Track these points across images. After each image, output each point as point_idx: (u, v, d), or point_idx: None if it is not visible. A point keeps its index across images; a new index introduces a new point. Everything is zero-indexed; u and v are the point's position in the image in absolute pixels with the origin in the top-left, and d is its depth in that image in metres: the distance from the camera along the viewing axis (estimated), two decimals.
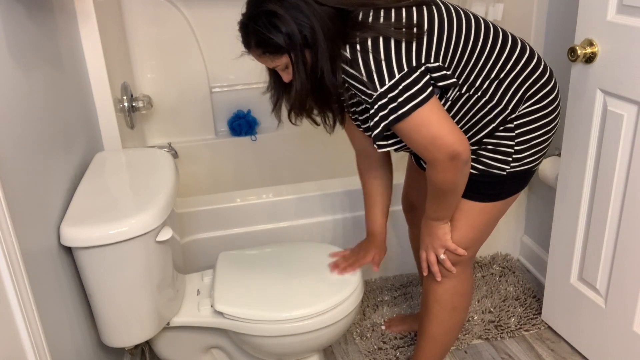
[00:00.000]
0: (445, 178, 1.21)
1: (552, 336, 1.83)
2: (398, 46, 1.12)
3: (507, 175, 1.30)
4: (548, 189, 2.00)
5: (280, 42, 1.12)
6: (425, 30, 1.16)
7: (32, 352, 0.89)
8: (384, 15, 1.15)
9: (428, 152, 1.17)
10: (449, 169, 1.18)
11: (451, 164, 1.17)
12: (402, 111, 1.13)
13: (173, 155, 2.00)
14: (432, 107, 1.14)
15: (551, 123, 1.31)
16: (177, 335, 1.48)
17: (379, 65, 1.12)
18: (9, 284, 0.84)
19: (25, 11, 1.14)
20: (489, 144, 1.30)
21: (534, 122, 1.28)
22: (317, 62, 1.14)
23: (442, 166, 1.18)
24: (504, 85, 1.24)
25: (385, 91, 1.13)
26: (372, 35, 1.13)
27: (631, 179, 1.43)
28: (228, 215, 1.88)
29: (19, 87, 1.06)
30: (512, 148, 1.28)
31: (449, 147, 1.15)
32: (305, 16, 1.11)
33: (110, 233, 1.14)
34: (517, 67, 1.25)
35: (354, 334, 1.86)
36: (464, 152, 1.16)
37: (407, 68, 1.12)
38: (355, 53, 1.13)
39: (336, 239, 1.99)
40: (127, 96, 1.84)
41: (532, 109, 1.28)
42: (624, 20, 1.37)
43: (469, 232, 1.37)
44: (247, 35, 1.16)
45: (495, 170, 1.30)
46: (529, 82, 1.26)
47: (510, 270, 2.14)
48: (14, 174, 0.97)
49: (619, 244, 1.50)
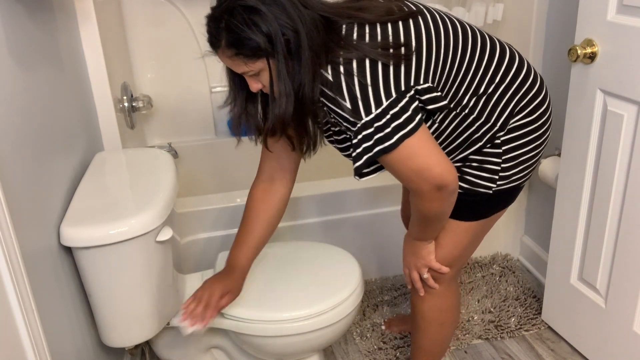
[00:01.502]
0: (431, 207, 1.14)
1: (552, 336, 1.83)
2: (385, 70, 1.02)
3: (494, 193, 1.22)
4: (548, 189, 2.00)
5: (259, 43, 0.97)
6: (413, 49, 1.06)
7: (32, 352, 0.89)
8: (370, 32, 1.05)
9: (413, 183, 1.09)
10: (435, 199, 1.11)
11: (437, 194, 1.10)
12: (389, 143, 1.03)
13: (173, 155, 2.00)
14: (421, 137, 1.05)
15: (541, 137, 1.24)
16: (177, 335, 1.48)
17: (364, 91, 1.01)
18: (9, 284, 0.84)
19: (25, 11, 1.14)
20: (474, 161, 1.21)
21: (523, 137, 1.21)
22: (297, 73, 1.01)
23: (428, 196, 1.10)
24: (492, 101, 1.17)
25: (371, 120, 1.02)
26: (358, 57, 1.01)
27: (631, 179, 1.43)
28: (228, 215, 1.88)
29: (19, 87, 1.05)
30: (498, 165, 1.20)
31: (436, 178, 1.07)
32: (290, 18, 0.98)
33: (110, 233, 1.14)
34: (506, 79, 1.18)
35: (354, 334, 1.86)
36: (452, 182, 1.09)
37: (395, 94, 1.02)
38: (338, 76, 1.01)
39: (336, 239, 1.99)
40: (127, 96, 1.84)
41: (521, 123, 1.20)
42: (624, 20, 1.37)
43: (454, 251, 1.31)
44: (218, 32, 0.99)
45: (480, 189, 1.22)
46: (518, 95, 1.19)
47: (510, 270, 2.14)
48: (14, 174, 0.97)
49: (619, 244, 1.50)
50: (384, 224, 2.02)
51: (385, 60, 1.02)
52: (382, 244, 2.05)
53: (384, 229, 2.03)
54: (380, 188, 1.96)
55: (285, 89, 1.01)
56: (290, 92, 1.02)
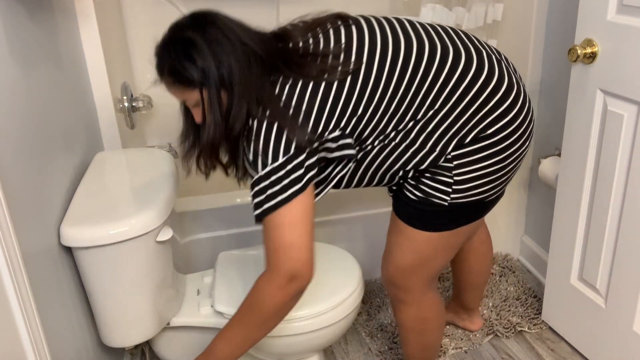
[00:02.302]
0: (269, 300, 1.08)
1: (552, 336, 1.83)
2: (279, 132, 1.03)
3: (450, 207, 1.18)
4: (548, 189, 2.00)
5: (193, 76, 1.03)
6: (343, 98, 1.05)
7: (32, 352, 0.89)
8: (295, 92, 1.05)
9: (276, 256, 1.06)
10: (281, 291, 1.06)
11: (286, 285, 1.06)
12: (276, 200, 1.05)
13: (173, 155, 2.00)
14: (304, 208, 1.05)
15: (503, 152, 1.17)
16: (177, 335, 1.48)
17: (265, 148, 1.04)
18: (9, 284, 0.84)
19: (25, 11, 1.14)
20: (427, 172, 1.18)
21: (477, 153, 1.15)
22: (231, 107, 1.05)
23: (278, 282, 1.06)
24: (431, 133, 1.12)
25: (266, 175, 1.05)
26: (268, 119, 1.04)
27: (631, 179, 1.43)
28: (228, 215, 1.88)
29: (19, 87, 1.06)
30: (451, 179, 1.16)
31: (297, 261, 1.04)
32: (226, 54, 1.02)
33: (111, 233, 1.14)
34: (458, 106, 1.11)
35: (363, 334, 1.86)
36: (307, 278, 1.06)
37: (284, 157, 1.04)
38: (251, 129, 1.06)
39: (336, 239, 1.99)
40: (127, 96, 1.84)
41: (474, 140, 1.14)
42: (624, 20, 1.37)
43: (415, 259, 1.29)
44: (161, 61, 1.07)
45: (435, 200, 1.18)
46: (472, 121, 1.13)
47: (511, 270, 2.14)
48: (14, 174, 0.97)
49: (619, 244, 1.50)
50: (384, 224, 2.02)
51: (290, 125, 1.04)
52: (382, 244, 2.05)
53: (384, 229, 2.03)
54: (381, 188, 1.96)
55: (214, 117, 1.05)
56: (218, 121, 1.05)
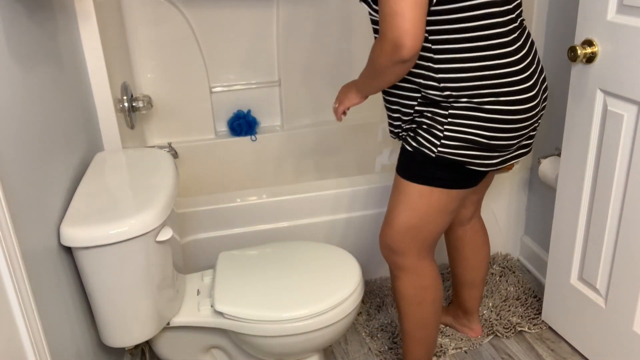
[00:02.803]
0: (378, 59, 1.22)
1: (552, 336, 1.83)
2: None
3: (436, 158, 1.31)
4: (548, 189, 2.00)
5: None
6: None
7: (32, 352, 0.89)
8: None
9: (384, 23, 1.16)
10: (386, 55, 1.18)
11: (390, 51, 1.17)
12: None
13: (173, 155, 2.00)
14: None
15: (497, 132, 1.29)
16: (177, 335, 1.48)
17: None
18: (9, 284, 0.84)
19: (25, 11, 1.14)
20: (424, 124, 1.32)
21: (469, 119, 1.28)
22: None
23: (384, 48, 1.18)
24: (454, 58, 1.24)
25: None
26: None
27: (631, 179, 1.43)
28: (228, 215, 1.88)
29: (19, 87, 1.06)
30: (441, 132, 1.29)
31: (400, 30, 1.13)
32: None
33: (111, 233, 1.14)
34: (479, 52, 1.24)
35: (363, 334, 1.86)
36: (410, 47, 1.14)
37: None
38: None
39: (336, 239, 1.99)
40: (127, 96, 1.84)
41: (471, 106, 1.27)
42: (624, 20, 1.37)
43: (410, 218, 1.40)
44: None
45: (425, 150, 1.32)
46: (480, 76, 1.25)
47: (511, 270, 2.14)
48: (14, 174, 0.97)
49: (619, 244, 1.50)
50: None
51: None
52: None
53: None
54: (381, 188, 1.96)
55: None
56: None
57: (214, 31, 2.28)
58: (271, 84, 2.43)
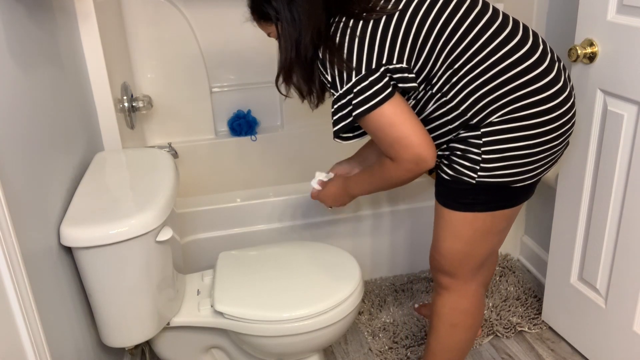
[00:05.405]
0: (401, 177, 1.22)
1: (552, 336, 1.83)
2: (361, 43, 1.14)
3: (477, 184, 1.23)
4: (548, 189, 2.00)
5: (267, 11, 1.20)
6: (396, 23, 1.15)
7: (32, 352, 0.89)
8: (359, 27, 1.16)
9: (393, 150, 1.18)
10: (409, 172, 1.20)
11: (414, 168, 1.18)
12: (363, 108, 1.15)
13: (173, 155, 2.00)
14: (396, 106, 1.15)
15: (538, 137, 1.19)
16: (177, 335, 1.48)
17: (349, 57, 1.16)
18: (9, 284, 0.84)
19: (25, 11, 1.14)
20: (457, 149, 1.24)
21: (508, 132, 1.18)
22: (297, 34, 1.19)
23: (403, 167, 1.19)
24: (466, 90, 1.18)
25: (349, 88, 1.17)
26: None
27: (631, 179, 1.43)
28: (228, 215, 1.88)
29: (19, 87, 1.06)
30: (479, 156, 1.21)
31: (415, 147, 1.15)
32: None
33: (111, 233, 1.14)
34: (494, 68, 1.16)
35: (365, 333, 1.86)
36: (430, 158, 1.16)
37: (364, 71, 1.15)
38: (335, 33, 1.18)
39: (336, 239, 1.99)
40: (127, 96, 1.84)
41: (506, 118, 1.18)
42: (624, 20, 1.37)
43: (455, 243, 1.32)
44: (252, 3, 1.25)
45: (464, 178, 1.23)
46: (504, 89, 1.16)
47: (511, 270, 2.14)
48: (14, 174, 0.97)
49: (619, 244, 1.50)
50: (384, 224, 2.02)
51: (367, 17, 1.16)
52: (382, 244, 2.05)
53: (384, 229, 2.03)
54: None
55: (285, 47, 1.22)
56: (290, 45, 1.21)
57: (214, 31, 2.28)
58: (271, 84, 2.43)
